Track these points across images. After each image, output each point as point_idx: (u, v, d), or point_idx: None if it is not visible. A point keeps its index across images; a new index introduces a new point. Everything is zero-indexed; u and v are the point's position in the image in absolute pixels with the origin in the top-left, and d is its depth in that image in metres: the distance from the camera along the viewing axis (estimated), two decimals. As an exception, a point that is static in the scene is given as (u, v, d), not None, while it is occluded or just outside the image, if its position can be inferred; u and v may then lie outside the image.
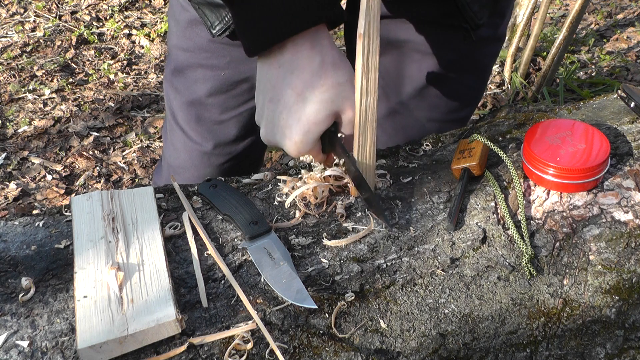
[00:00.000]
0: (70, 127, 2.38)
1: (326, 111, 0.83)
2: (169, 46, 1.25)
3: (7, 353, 0.71)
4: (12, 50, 2.79)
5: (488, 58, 1.25)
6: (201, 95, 1.21)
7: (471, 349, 0.80)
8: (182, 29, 1.18)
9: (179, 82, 1.23)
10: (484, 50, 1.20)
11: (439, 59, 1.17)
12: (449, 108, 1.25)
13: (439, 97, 1.23)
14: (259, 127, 0.90)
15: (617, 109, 1.09)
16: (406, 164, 1.01)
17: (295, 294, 0.78)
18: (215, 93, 1.20)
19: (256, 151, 1.36)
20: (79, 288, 0.77)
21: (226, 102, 1.21)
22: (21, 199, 2.08)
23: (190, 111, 1.24)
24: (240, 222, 0.87)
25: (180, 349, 0.73)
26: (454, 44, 1.14)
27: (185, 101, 1.24)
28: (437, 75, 1.19)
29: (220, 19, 1.03)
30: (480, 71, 1.26)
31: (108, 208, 0.88)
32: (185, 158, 1.31)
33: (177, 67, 1.22)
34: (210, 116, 1.23)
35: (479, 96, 1.33)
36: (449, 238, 0.87)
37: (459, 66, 1.19)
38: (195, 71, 1.20)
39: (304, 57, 0.81)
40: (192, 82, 1.21)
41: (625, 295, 0.85)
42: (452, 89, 1.23)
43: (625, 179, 0.93)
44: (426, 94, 1.22)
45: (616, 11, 3.10)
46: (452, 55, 1.17)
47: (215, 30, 1.04)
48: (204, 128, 1.25)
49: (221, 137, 1.26)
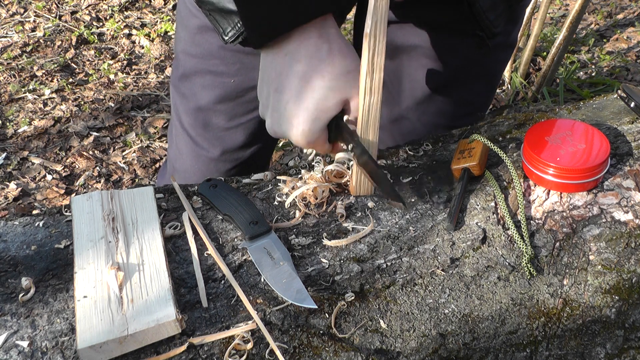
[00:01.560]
0: (70, 127, 2.38)
1: (334, 99, 0.81)
2: (177, 51, 1.23)
3: (7, 353, 0.71)
4: (12, 50, 2.79)
5: (499, 65, 1.23)
6: (209, 102, 1.20)
7: (471, 349, 0.80)
8: (191, 35, 1.17)
9: (186, 88, 1.22)
10: (494, 57, 1.19)
11: (448, 65, 1.15)
12: (457, 114, 1.23)
13: (447, 104, 1.22)
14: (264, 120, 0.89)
15: (617, 109, 1.09)
16: (406, 164, 1.01)
17: (295, 294, 0.78)
18: (224, 100, 1.19)
19: (262, 158, 1.34)
20: (79, 288, 0.77)
21: (234, 110, 1.20)
22: (21, 199, 2.09)
23: (197, 117, 1.23)
24: (240, 222, 0.87)
25: (180, 349, 0.73)
26: (464, 50, 1.13)
27: (192, 107, 1.22)
28: (446, 82, 1.17)
29: (233, 25, 1.02)
30: (489, 78, 1.24)
31: (108, 208, 0.88)
32: (191, 163, 1.29)
33: (185, 72, 1.21)
34: (218, 123, 1.22)
35: (487, 102, 1.31)
36: (449, 238, 0.87)
37: (468, 72, 1.17)
38: (203, 77, 1.19)
39: (311, 45, 0.80)
40: (200, 88, 1.19)
41: (625, 295, 0.85)
42: (460, 95, 1.21)
43: (625, 179, 0.93)
44: (434, 100, 1.20)
45: (616, 11, 3.10)
46: (462, 61, 1.15)
47: (227, 37, 1.04)
48: (211, 134, 1.24)
49: (228, 144, 1.25)
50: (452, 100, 1.21)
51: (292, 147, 2.31)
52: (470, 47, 1.12)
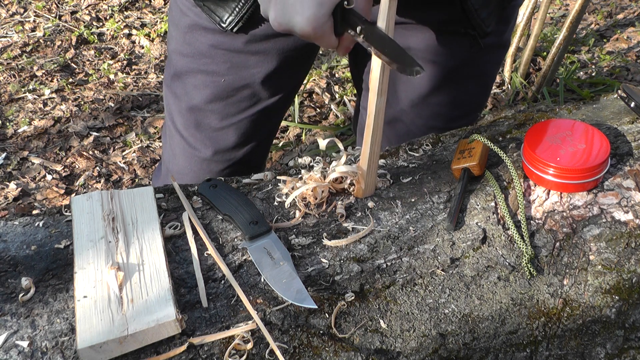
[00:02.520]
0: (70, 127, 2.38)
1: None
2: (169, 51, 1.23)
3: (7, 353, 0.71)
4: (12, 50, 2.79)
5: (492, 65, 1.23)
6: (200, 102, 1.20)
7: (471, 349, 0.80)
8: (182, 34, 1.17)
9: (178, 88, 1.22)
10: (487, 58, 1.19)
11: (442, 66, 1.15)
12: (451, 116, 1.23)
13: (441, 105, 1.22)
14: (268, 17, 0.85)
15: (617, 109, 1.09)
16: (406, 164, 1.01)
17: (295, 294, 0.78)
18: (215, 100, 1.19)
19: (256, 158, 1.34)
20: (79, 288, 0.77)
21: (226, 109, 1.20)
22: (21, 199, 2.08)
23: (189, 117, 1.23)
24: (240, 222, 0.87)
25: (180, 349, 0.73)
26: (457, 51, 1.13)
27: (185, 107, 1.22)
28: (440, 83, 1.18)
29: (230, 11, 1.01)
30: (484, 79, 1.25)
31: (108, 208, 0.88)
32: (184, 164, 1.29)
33: (177, 72, 1.21)
34: (210, 123, 1.22)
35: (482, 104, 1.31)
36: (449, 238, 0.87)
37: (462, 73, 1.18)
38: (194, 77, 1.19)
39: None
40: (192, 88, 1.20)
41: (625, 295, 0.85)
42: (454, 96, 1.21)
43: (625, 179, 0.93)
44: (428, 101, 1.20)
45: (616, 11, 3.10)
46: (455, 62, 1.15)
47: (226, 24, 1.02)
48: (203, 135, 1.24)
49: (221, 144, 1.25)
50: (446, 102, 1.22)
51: (292, 147, 2.31)
52: (464, 48, 1.12)
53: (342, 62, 2.70)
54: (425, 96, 1.19)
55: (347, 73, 2.65)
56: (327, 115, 2.46)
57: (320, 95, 2.54)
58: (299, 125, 2.35)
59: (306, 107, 2.49)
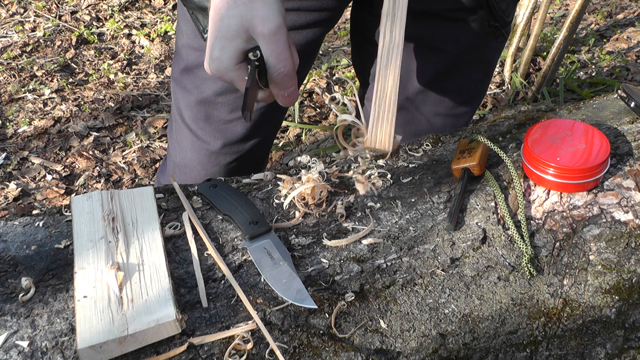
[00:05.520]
0: (70, 127, 2.38)
1: (236, 26, 0.82)
2: (178, 46, 1.25)
3: (7, 353, 0.71)
4: (12, 50, 2.79)
5: (495, 52, 1.27)
6: (210, 94, 1.22)
7: (471, 349, 0.80)
8: (193, 28, 1.18)
9: (188, 81, 1.24)
10: (491, 44, 1.22)
11: (446, 54, 1.18)
12: (455, 102, 1.26)
13: (445, 92, 1.24)
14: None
15: (617, 109, 1.09)
16: (406, 164, 1.01)
17: (295, 294, 0.78)
18: (225, 92, 1.21)
19: (262, 151, 1.37)
20: (79, 288, 0.77)
21: (235, 102, 1.22)
22: (21, 199, 2.08)
23: (199, 110, 1.25)
24: (240, 222, 0.87)
25: (180, 349, 0.73)
26: (461, 38, 1.16)
27: (194, 100, 1.24)
28: (444, 70, 1.20)
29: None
30: (487, 65, 1.28)
31: (108, 208, 0.88)
32: (192, 157, 1.31)
33: (187, 66, 1.23)
34: (219, 115, 1.24)
35: (484, 90, 1.35)
36: (449, 238, 0.87)
37: (465, 60, 1.20)
38: (205, 70, 1.21)
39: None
40: (202, 80, 1.21)
41: (625, 295, 0.85)
42: (458, 83, 1.24)
43: (625, 179, 0.93)
44: (432, 88, 1.23)
45: (616, 11, 3.10)
46: (459, 49, 1.18)
47: (206, 34, 1.04)
48: (212, 127, 1.26)
49: (229, 136, 1.27)
50: (451, 88, 1.24)
51: (292, 147, 2.31)
52: (470, 35, 1.15)
53: (342, 62, 2.71)
54: (429, 83, 1.22)
55: (348, 73, 2.65)
56: (327, 115, 2.46)
57: (320, 95, 2.54)
58: (299, 125, 2.35)
59: (306, 107, 2.49)
